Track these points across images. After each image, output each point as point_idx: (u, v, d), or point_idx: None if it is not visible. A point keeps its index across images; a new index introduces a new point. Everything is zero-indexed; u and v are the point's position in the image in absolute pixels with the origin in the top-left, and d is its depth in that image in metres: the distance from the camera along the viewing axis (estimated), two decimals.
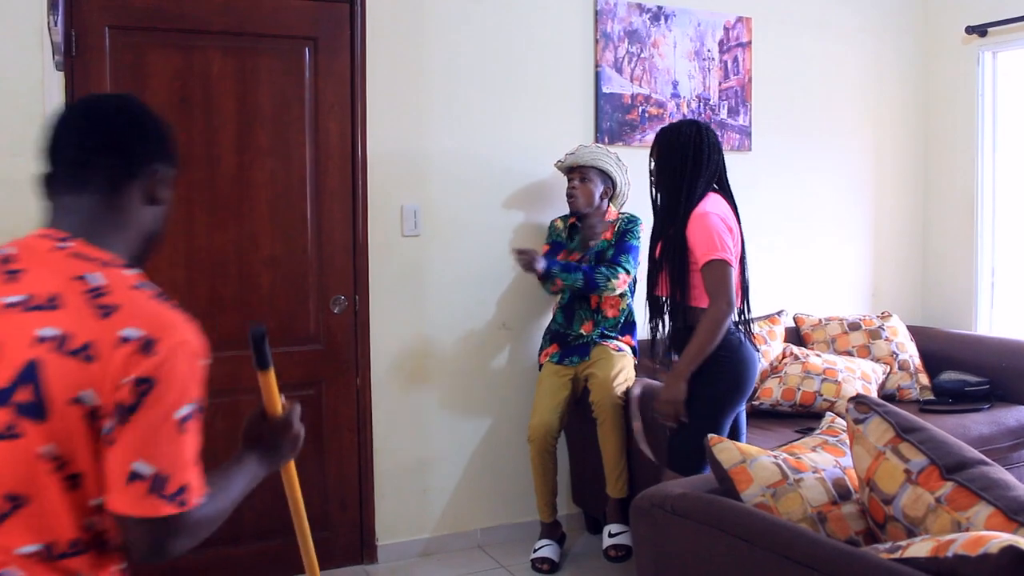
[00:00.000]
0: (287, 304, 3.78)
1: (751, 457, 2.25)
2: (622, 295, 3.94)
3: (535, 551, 3.89)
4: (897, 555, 1.80)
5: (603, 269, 3.80)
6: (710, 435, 2.38)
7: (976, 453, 2.06)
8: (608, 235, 3.95)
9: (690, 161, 3.09)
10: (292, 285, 3.78)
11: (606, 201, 3.98)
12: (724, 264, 2.99)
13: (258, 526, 3.72)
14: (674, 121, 3.24)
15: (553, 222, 4.09)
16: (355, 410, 3.90)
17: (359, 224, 3.83)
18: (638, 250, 3.89)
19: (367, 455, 3.91)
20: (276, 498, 3.70)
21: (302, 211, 3.78)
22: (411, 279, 3.95)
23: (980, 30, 4.91)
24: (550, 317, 4.10)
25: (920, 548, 1.76)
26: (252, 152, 3.68)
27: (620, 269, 3.82)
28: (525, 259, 3.74)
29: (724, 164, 3.19)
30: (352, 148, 3.82)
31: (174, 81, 3.55)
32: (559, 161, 3.99)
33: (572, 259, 3.92)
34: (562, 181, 4.05)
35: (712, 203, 3.08)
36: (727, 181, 3.22)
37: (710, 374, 3.04)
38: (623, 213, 4.04)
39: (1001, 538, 1.61)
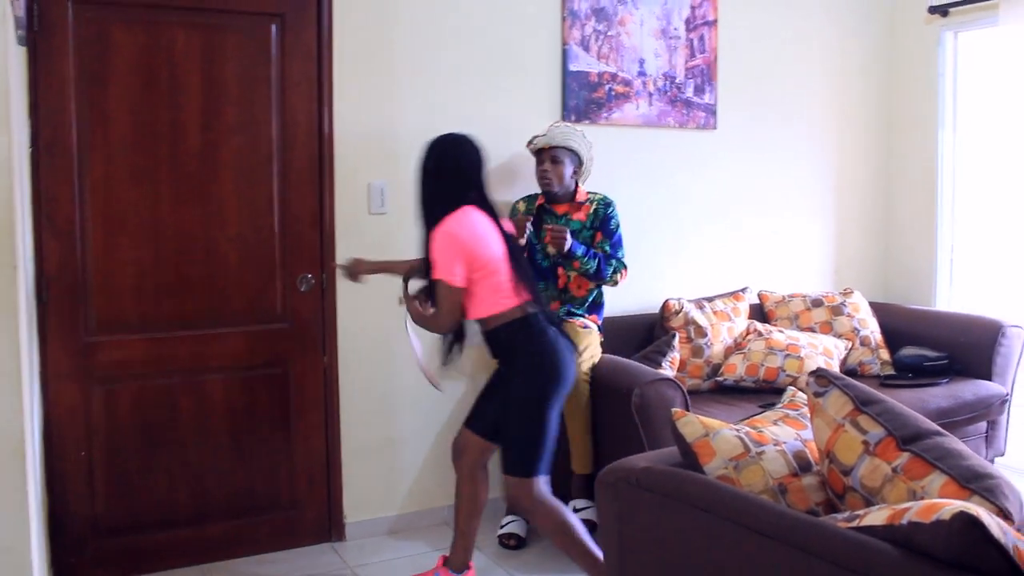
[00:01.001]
0: (254, 282, 3.76)
1: (714, 430, 2.29)
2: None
3: (502, 527, 3.93)
4: (855, 524, 1.85)
5: (613, 262, 3.95)
6: (674, 409, 2.41)
7: (932, 424, 2.11)
8: (581, 216, 3.98)
9: (444, 174, 3.18)
10: (259, 264, 3.76)
11: (575, 181, 4.01)
12: (444, 285, 3.08)
13: (227, 506, 3.73)
14: (442, 133, 3.30)
15: (515, 204, 4.10)
16: (322, 390, 3.90)
17: (325, 201, 3.82)
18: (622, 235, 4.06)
19: (335, 434, 3.92)
20: (245, 478, 3.74)
21: (268, 189, 3.75)
22: (378, 257, 3.95)
23: (942, 10, 4.97)
24: None
25: (877, 516, 1.81)
26: (218, 130, 3.65)
27: (623, 265, 4.01)
28: (560, 237, 3.81)
29: (480, 175, 3.22)
30: (318, 125, 3.80)
31: (139, 57, 3.51)
32: (531, 143, 4.00)
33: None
34: (529, 159, 4.06)
35: (455, 219, 3.09)
36: (482, 190, 3.23)
37: (519, 374, 3.16)
38: (592, 193, 4.06)
39: (953, 505, 1.66)
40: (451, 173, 3.16)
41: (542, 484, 3.19)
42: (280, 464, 3.83)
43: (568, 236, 3.79)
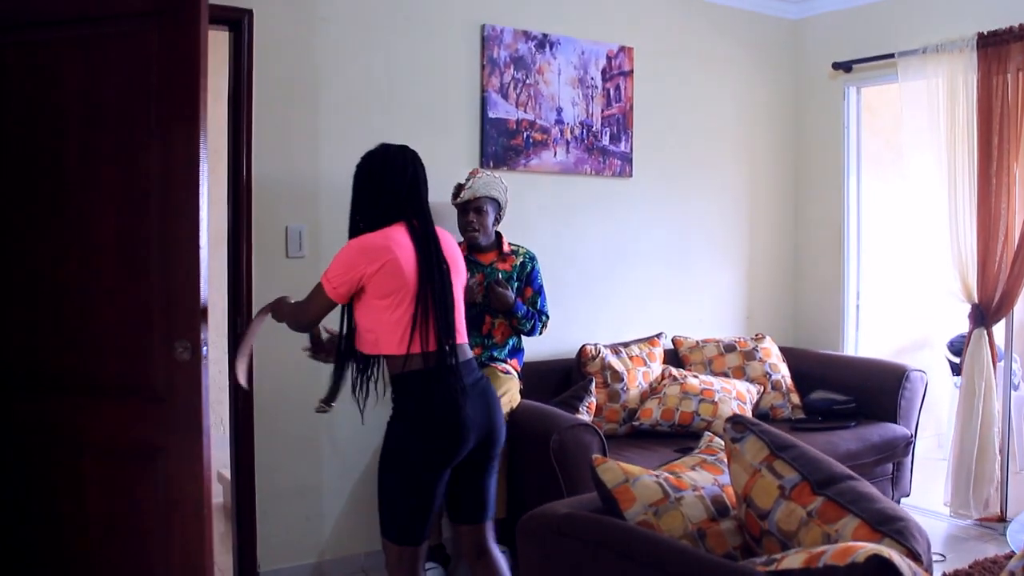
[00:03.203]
0: (126, 347, 3.02)
1: (633, 476, 2.31)
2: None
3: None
4: (773, 568, 1.88)
5: (543, 317, 4.05)
6: (594, 455, 2.43)
7: (844, 468, 2.17)
8: (507, 266, 4.02)
9: (365, 190, 2.86)
10: (133, 323, 3.00)
11: (495, 230, 4.04)
12: (320, 288, 2.80)
13: None
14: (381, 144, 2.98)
15: None
16: (200, 485, 3.02)
17: (242, 245, 3.77)
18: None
19: (248, 479, 3.83)
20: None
21: (147, 233, 2.98)
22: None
23: (845, 66, 5.18)
24: None
25: (794, 560, 1.84)
26: (96, 159, 3.02)
27: (547, 317, 4.10)
28: (506, 297, 3.88)
29: (414, 193, 2.87)
30: (235, 168, 3.76)
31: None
32: (456, 196, 3.96)
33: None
34: (449, 207, 4.07)
35: (370, 237, 2.78)
36: (416, 211, 2.87)
37: (393, 425, 2.83)
38: (516, 246, 4.11)
39: (866, 548, 1.71)
40: (377, 188, 2.82)
41: (398, 555, 2.84)
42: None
43: (511, 294, 3.88)
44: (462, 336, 2.88)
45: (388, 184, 2.83)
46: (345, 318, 2.90)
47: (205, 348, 2.91)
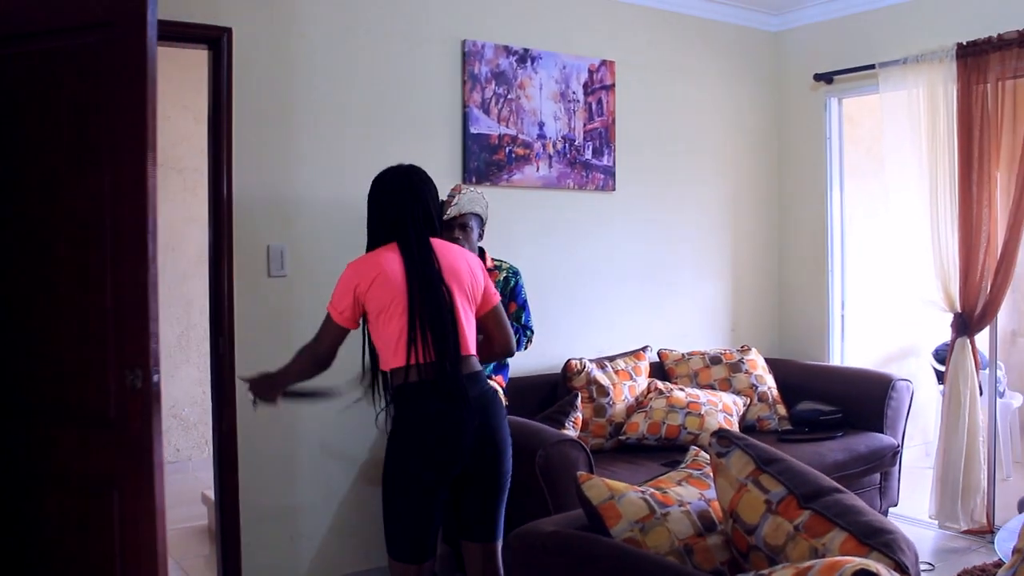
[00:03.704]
0: (82, 373, 2.93)
1: (619, 493, 2.29)
2: None
3: None
4: None
5: (528, 332, 3.97)
6: (579, 472, 2.41)
7: (830, 481, 2.15)
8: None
9: (369, 213, 3.01)
10: (88, 349, 2.91)
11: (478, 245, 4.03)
12: (327, 316, 2.91)
13: None
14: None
15: None
16: (152, 520, 2.83)
17: (223, 265, 3.74)
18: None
19: (233, 503, 3.79)
20: None
21: (101, 256, 2.88)
22: (278, 321, 3.88)
23: (827, 78, 5.20)
24: None
25: (781, 575, 1.83)
26: (52, 180, 2.95)
27: (532, 332, 4.00)
28: None
29: (409, 214, 2.92)
30: (216, 187, 3.73)
31: None
32: (443, 214, 3.94)
33: None
34: None
35: (362, 258, 2.91)
36: (414, 230, 2.91)
37: (389, 439, 2.87)
38: (499, 261, 4.09)
39: (854, 562, 1.69)
40: (377, 210, 2.97)
41: (401, 572, 2.86)
42: None
43: None
44: (466, 348, 2.90)
45: (386, 206, 2.95)
46: (365, 341, 3.00)
47: (156, 376, 2.80)
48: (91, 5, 2.89)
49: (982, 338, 4.65)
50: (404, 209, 2.93)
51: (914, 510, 4.88)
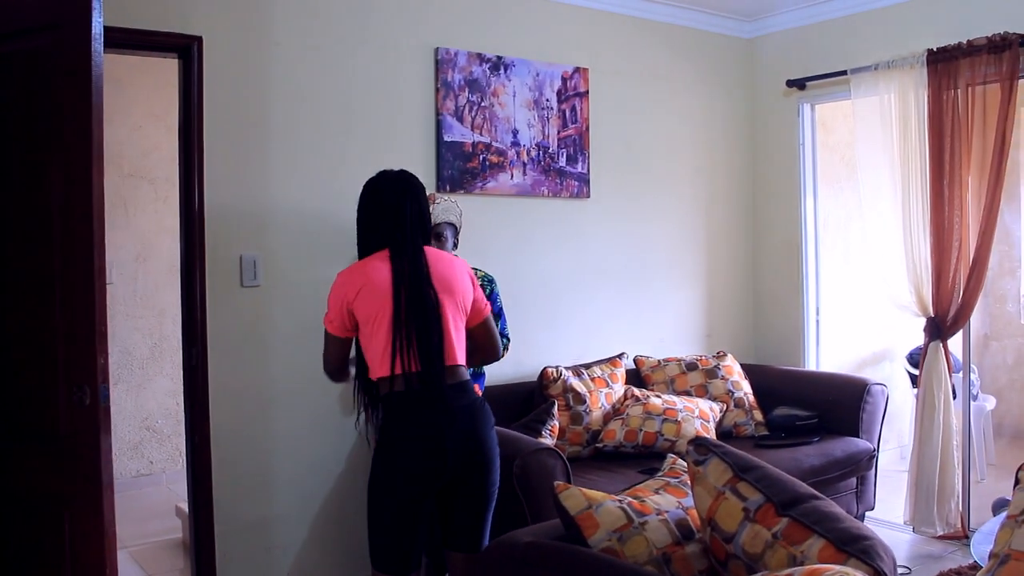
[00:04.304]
0: (34, 390, 2.86)
1: (596, 503, 2.28)
2: None
3: None
4: None
5: (504, 340, 3.89)
6: (556, 482, 2.40)
7: (808, 488, 2.15)
8: None
9: (359, 220, 2.98)
10: (39, 365, 2.83)
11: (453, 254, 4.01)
12: (325, 330, 2.93)
13: None
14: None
15: None
16: (102, 541, 2.73)
17: (195, 275, 3.70)
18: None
19: (207, 516, 3.74)
20: None
21: (51, 269, 2.80)
22: (252, 331, 3.85)
23: (799, 83, 5.22)
24: None
25: None
26: (3, 187, 2.88)
27: (508, 340, 3.94)
28: None
29: (398, 221, 2.88)
30: (187, 197, 3.69)
31: None
32: None
33: None
34: None
35: (349, 268, 2.90)
36: (401, 238, 2.88)
37: (376, 449, 2.87)
38: (474, 268, 4.06)
39: (832, 570, 1.69)
40: (366, 217, 2.94)
41: None
42: None
43: None
44: (453, 358, 2.87)
45: (375, 212, 2.92)
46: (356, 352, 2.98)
47: (105, 393, 2.72)
48: (35, 7, 2.82)
49: (955, 342, 4.67)
50: (400, 215, 2.89)
51: (890, 514, 4.90)
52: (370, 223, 2.93)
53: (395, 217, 2.89)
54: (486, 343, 3.09)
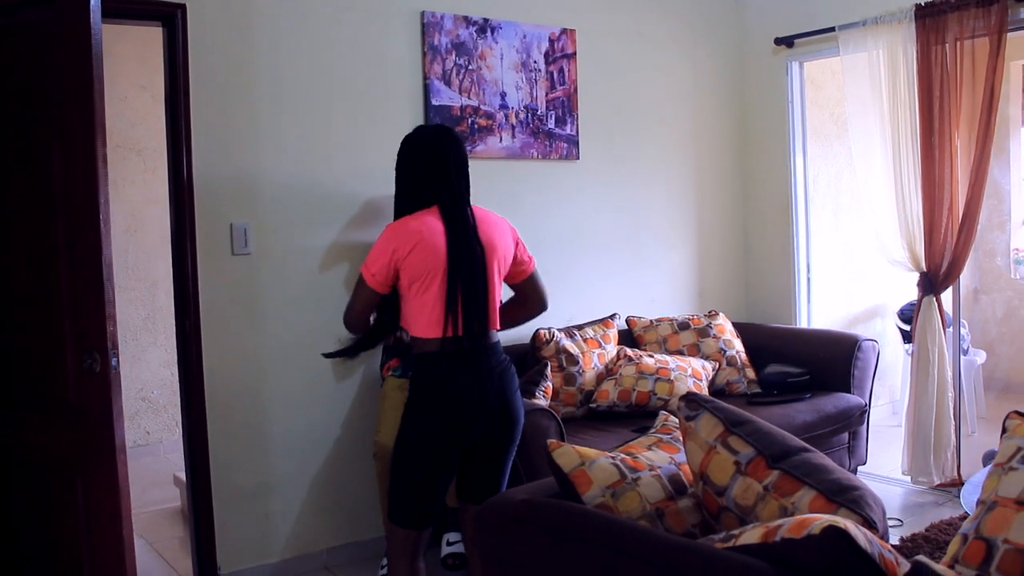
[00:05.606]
0: (41, 359, 2.92)
1: (590, 459, 2.30)
2: None
3: (382, 567, 3.86)
4: (731, 544, 1.88)
5: None
6: (549, 440, 2.42)
7: (798, 441, 2.18)
8: None
9: (401, 175, 2.96)
10: (47, 334, 2.89)
11: None
12: (360, 277, 2.87)
13: None
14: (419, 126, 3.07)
15: None
16: (117, 504, 2.81)
17: (186, 244, 3.69)
18: None
19: (204, 483, 3.77)
20: None
21: (55, 240, 2.87)
22: (244, 299, 3.85)
23: (788, 41, 5.20)
24: None
25: (751, 535, 1.85)
26: (4, 162, 2.94)
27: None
28: None
29: (445, 176, 2.89)
30: (175, 166, 3.68)
31: None
32: None
33: None
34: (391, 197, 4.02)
35: (402, 221, 2.86)
36: (448, 193, 2.89)
37: (407, 406, 2.88)
38: None
39: (822, 519, 1.71)
40: (410, 172, 2.91)
41: (403, 539, 2.89)
42: None
43: None
44: (494, 320, 2.94)
45: (420, 168, 2.89)
46: (382, 308, 2.96)
47: (115, 359, 2.79)
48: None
49: (945, 297, 4.70)
50: (445, 173, 2.89)
51: (883, 468, 4.95)
52: (415, 180, 2.91)
53: (444, 174, 2.88)
54: (534, 297, 3.17)
